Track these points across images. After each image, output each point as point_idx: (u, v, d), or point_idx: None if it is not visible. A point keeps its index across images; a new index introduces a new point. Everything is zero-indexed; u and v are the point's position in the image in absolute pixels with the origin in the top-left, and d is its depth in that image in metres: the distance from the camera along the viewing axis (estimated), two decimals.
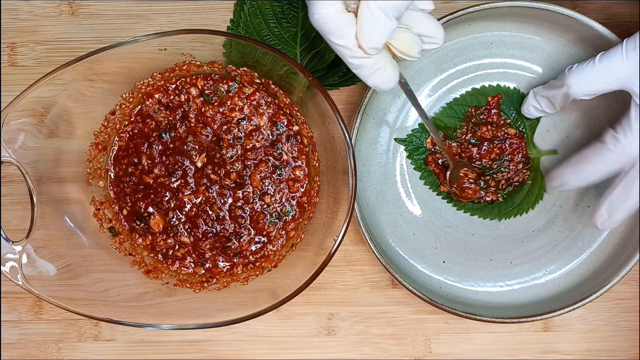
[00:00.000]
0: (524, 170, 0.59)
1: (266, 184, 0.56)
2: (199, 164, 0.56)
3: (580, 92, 0.50)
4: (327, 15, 0.41)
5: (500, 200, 0.59)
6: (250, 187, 0.56)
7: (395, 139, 0.59)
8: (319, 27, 0.42)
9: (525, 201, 0.59)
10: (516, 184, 0.59)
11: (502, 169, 0.59)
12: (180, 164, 0.56)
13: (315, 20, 0.41)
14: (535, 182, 0.59)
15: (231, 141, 0.56)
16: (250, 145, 0.56)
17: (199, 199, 0.56)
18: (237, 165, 0.55)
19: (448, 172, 0.58)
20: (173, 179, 0.56)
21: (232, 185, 0.56)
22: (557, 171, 0.53)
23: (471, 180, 0.56)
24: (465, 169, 0.57)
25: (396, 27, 0.42)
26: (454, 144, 0.59)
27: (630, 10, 0.51)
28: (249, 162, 0.56)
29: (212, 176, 0.56)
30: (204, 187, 0.56)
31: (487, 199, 0.59)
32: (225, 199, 0.56)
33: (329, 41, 0.43)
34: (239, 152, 0.56)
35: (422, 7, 0.45)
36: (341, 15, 0.41)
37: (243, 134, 0.56)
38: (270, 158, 0.56)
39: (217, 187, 0.56)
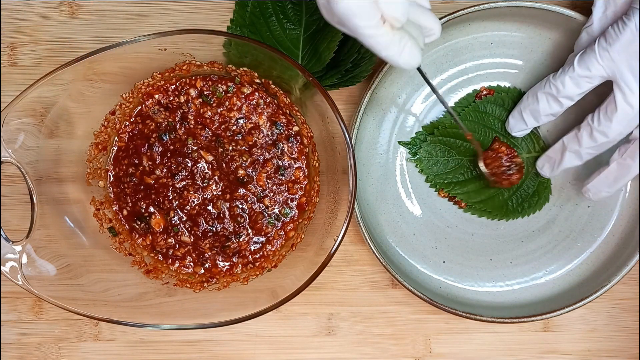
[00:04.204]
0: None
1: (267, 184, 0.56)
2: (200, 163, 0.56)
3: (574, 94, 0.51)
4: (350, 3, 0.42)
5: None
6: (252, 187, 0.56)
7: (399, 142, 0.59)
8: (344, 14, 0.42)
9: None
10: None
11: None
12: (181, 164, 0.56)
13: (341, 8, 0.42)
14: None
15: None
16: (250, 144, 0.56)
17: (201, 197, 0.56)
18: (243, 161, 0.55)
19: (480, 159, 0.57)
20: (177, 180, 0.56)
21: (234, 184, 0.56)
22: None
23: (510, 164, 0.57)
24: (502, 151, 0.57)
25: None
26: None
27: None
28: (251, 162, 0.56)
29: (214, 174, 0.56)
30: (205, 185, 0.56)
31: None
32: (226, 198, 0.56)
33: (355, 28, 0.43)
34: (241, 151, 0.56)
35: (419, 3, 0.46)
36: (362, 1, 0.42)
37: (242, 135, 0.56)
38: (274, 158, 0.56)
39: (220, 185, 0.56)
